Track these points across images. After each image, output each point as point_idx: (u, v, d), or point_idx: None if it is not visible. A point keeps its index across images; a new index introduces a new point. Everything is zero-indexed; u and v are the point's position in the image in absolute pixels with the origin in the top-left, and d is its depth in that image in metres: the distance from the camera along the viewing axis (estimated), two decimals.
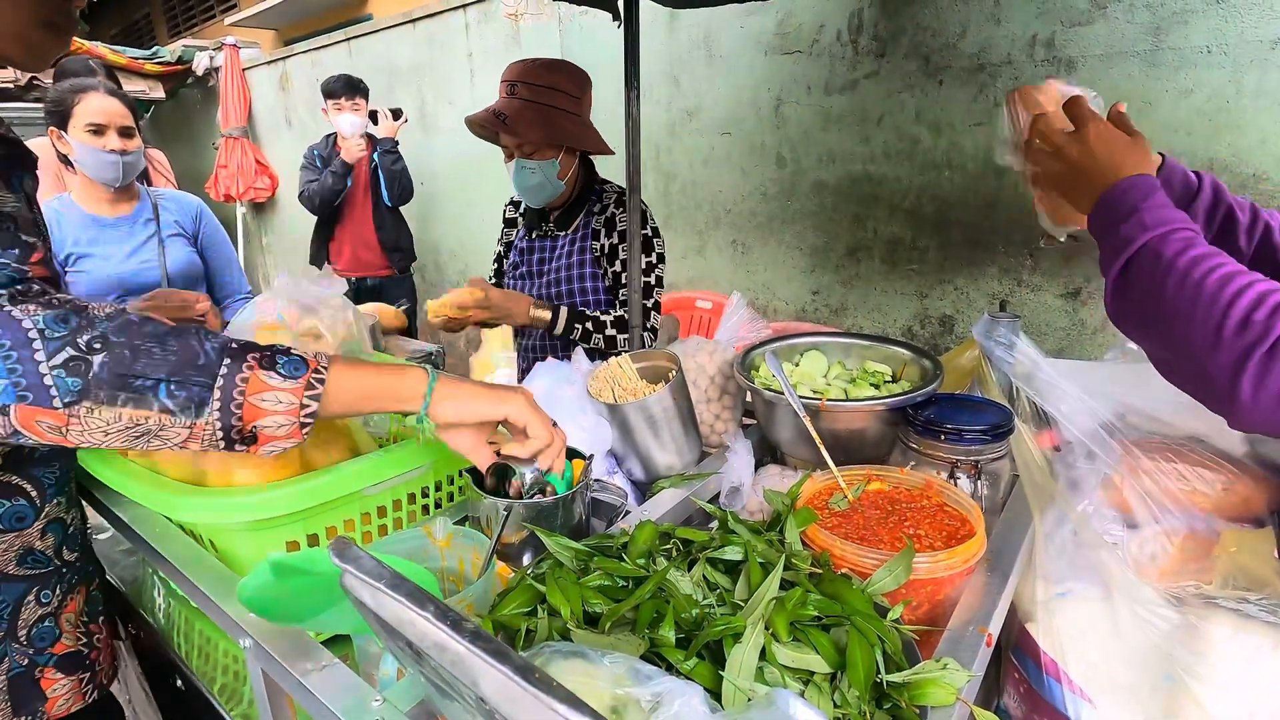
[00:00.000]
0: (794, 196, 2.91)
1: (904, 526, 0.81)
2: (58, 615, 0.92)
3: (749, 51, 2.88)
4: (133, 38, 9.36)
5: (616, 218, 1.64)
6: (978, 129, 2.37)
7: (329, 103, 3.57)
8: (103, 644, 0.99)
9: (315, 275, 1.33)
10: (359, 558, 0.46)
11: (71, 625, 0.94)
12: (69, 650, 0.93)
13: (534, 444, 0.80)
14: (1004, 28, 2.24)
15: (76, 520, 0.96)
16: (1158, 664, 0.78)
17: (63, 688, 0.93)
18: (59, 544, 0.92)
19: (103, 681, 0.99)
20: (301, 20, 6.17)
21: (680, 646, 0.59)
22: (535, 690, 0.34)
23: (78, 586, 0.95)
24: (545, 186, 1.60)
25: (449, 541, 0.81)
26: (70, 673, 0.93)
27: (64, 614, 0.93)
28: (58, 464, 0.92)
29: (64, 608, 0.93)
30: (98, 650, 0.98)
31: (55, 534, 0.91)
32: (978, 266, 2.49)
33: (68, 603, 0.93)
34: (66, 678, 0.93)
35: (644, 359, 1.09)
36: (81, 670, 0.95)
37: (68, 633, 0.93)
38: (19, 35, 0.80)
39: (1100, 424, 0.95)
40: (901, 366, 1.13)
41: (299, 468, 0.88)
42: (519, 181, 1.59)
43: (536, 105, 1.51)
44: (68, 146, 1.90)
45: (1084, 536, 0.85)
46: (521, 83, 1.52)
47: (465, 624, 0.39)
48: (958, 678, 0.57)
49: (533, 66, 1.53)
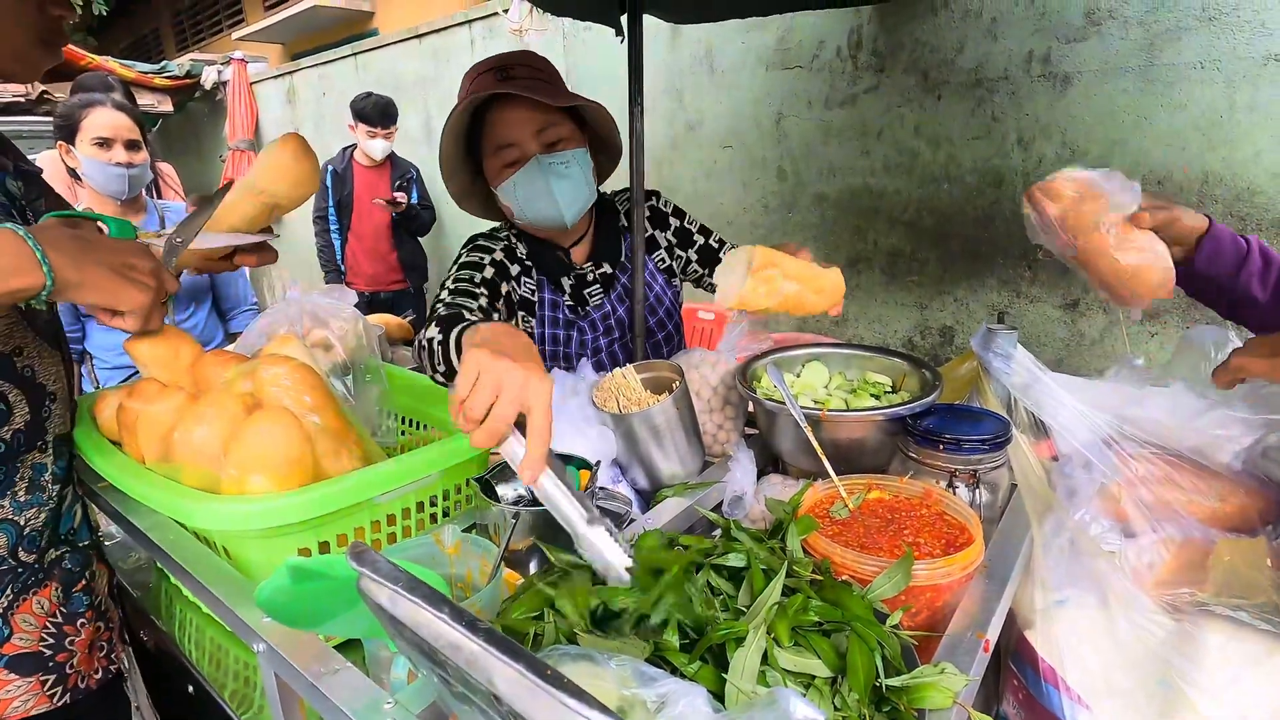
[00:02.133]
0: (795, 209, 2.94)
1: (903, 534, 0.82)
2: (7, 614, 0.92)
3: (750, 66, 2.92)
4: (141, 52, 9.49)
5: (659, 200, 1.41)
6: (976, 142, 2.40)
7: (361, 127, 3.62)
8: (79, 646, 0.99)
9: (324, 289, 1.36)
10: (376, 561, 0.47)
11: (30, 625, 0.94)
12: (22, 651, 0.93)
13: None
14: (1000, 43, 2.28)
15: (37, 524, 0.96)
16: (1154, 670, 0.79)
17: (18, 689, 0.92)
18: (13, 545, 0.93)
19: (78, 685, 0.98)
20: (308, 35, 6.26)
21: (684, 651, 0.61)
22: (548, 687, 0.36)
23: (35, 588, 0.95)
24: (581, 189, 1.23)
25: (457, 549, 0.83)
26: (26, 674, 0.93)
27: (16, 613, 0.93)
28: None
29: (16, 607, 0.93)
30: (70, 653, 0.97)
31: (7, 535, 0.92)
32: (977, 278, 2.51)
33: (20, 602, 0.93)
34: (21, 679, 0.93)
35: (648, 369, 1.11)
36: (43, 672, 0.95)
37: (22, 632, 0.93)
38: (19, 53, 0.85)
39: (1097, 435, 0.97)
40: (902, 377, 1.15)
41: (312, 477, 0.89)
42: (546, 190, 1.19)
43: (546, 83, 1.21)
44: (75, 160, 1.94)
45: (1081, 545, 0.86)
46: (519, 65, 1.21)
47: (479, 624, 0.41)
48: (955, 681, 0.59)
49: (515, 52, 1.25)
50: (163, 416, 0.93)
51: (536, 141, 1.19)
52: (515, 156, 1.20)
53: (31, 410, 0.94)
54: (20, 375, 0.92)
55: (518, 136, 1.19)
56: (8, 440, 0.91)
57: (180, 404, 0.94)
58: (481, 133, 1.24)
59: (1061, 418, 0.98)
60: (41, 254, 0.73)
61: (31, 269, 0.72)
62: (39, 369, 0.95)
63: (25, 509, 0.95)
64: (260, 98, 5.87)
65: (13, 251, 0.71)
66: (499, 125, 1.19)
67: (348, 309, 1.28)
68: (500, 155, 1.21)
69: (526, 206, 1.22)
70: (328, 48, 5.28)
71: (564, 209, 1.22)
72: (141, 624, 1.14)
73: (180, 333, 1.04)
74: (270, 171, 1.04)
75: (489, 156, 1.24)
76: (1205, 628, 0.79)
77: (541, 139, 1.19)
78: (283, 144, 1.06)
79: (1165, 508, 0.95)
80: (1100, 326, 2.29)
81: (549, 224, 1.25)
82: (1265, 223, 1.95)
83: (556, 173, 1.19)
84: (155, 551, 0.91)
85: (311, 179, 1.08)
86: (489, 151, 1.23)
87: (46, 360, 0.97)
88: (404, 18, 5.18)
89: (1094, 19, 2.10)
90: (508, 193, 1.23)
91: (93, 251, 0.78)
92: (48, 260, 0.73)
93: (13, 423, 0.92)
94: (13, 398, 0.91)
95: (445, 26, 4.16)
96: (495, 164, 1.22)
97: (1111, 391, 1.01)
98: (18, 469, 0.94)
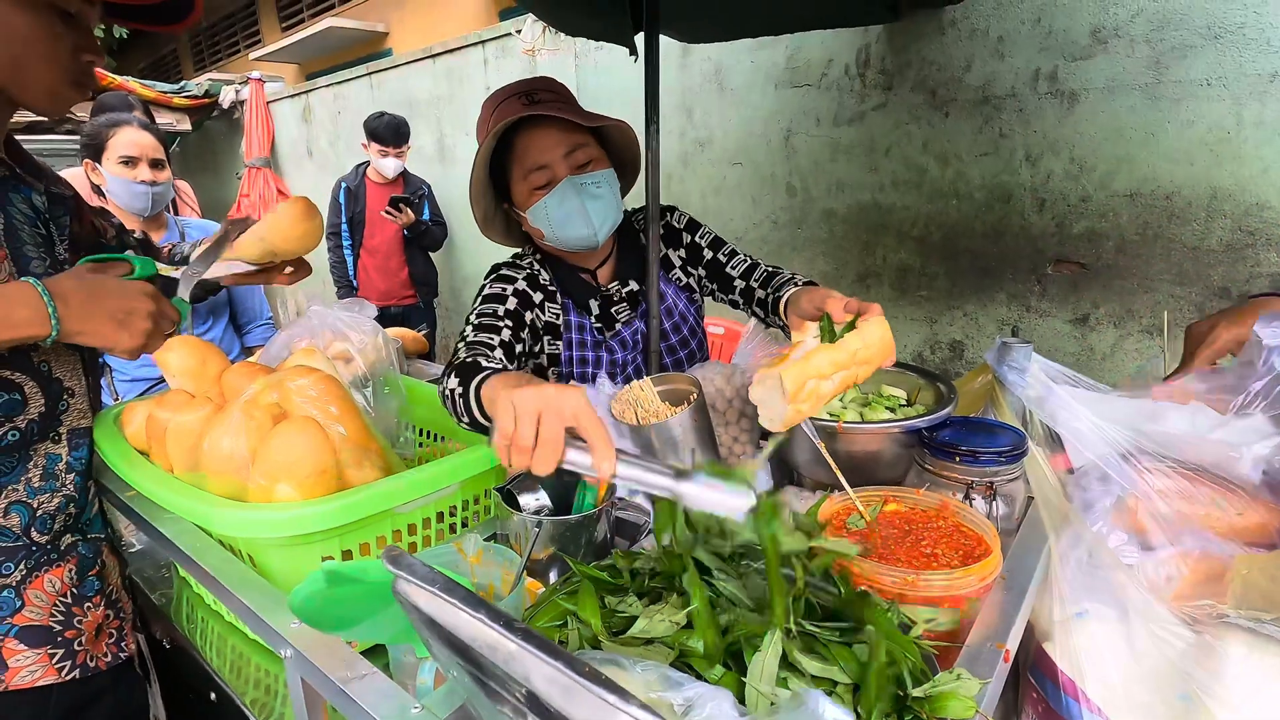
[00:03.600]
0: (804, 225, 2.96)
1: (921, 546, 0.83)
2: (19, 588, 0.99)
3: (760, 84, 2.96)
4: (160, 72, 9.68)
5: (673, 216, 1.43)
6: (984, 159, 2.42)
7: (374, 146, 3.69)
8: (87, 627, 1.05)
9: (344, 302, 1.38)
10: (412, 565, 0.49)
11: (42, 601, 1.01)
12: (33, 624, 1.00)
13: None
14: (1007, 61, 2.31)
15: (50, 507, 1.02)
16: (1174, 683, 0.79)
17: (26, 659, 0.99)
18: (26, 524, 1.00)
19: (86, 663, 1.04)
20: (324, 55, 6.38)
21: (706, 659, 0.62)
22: (587, 683, 0.37)
23: (48, 567, 1.02)
24: (611, 208, 1.25)
25: (479, 558, 0.84)
26: (35, 645, 1.00)
27: (29, 588, 1.00)
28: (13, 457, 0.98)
29: (28, 583, 1.00)
30: (79, 632, 1.04)
31: (21, 514, 0.99)
32: (986, 293, 2.52)
33: (33, 579, 1.00)
34: (30, 649, 0.99)
35: (665, 382, 1.13)
36: (52, 645, 1.01)
37: (34, 606, 1.00)
38: (52, 91, 0.92)
39: (1113, 448, 0.97)
40: (916, 390, 1.16)
41: (336, 486, 0.91)
42: (580, 210, 1.21)
43: (571, 107, 1.23)
44: (101, 178, 1.98)
45: (1099, 557, 0.86)
46: (542, 90, 1.23)
47: (516, 624, 0.42)
48: (971, 686, 0.59)
49: (537, 78, 1.27)
50: (191, 426, 0.96)
51: (566, 163, 1.20)
52: (547, 179, 1.21)
53: (48, 403, 1.00)
54: (37, 369, 0.99)
55: (549, 159, 1.20)
56: (22, 429, 0.97)
57: (208, 414, 0.96)
58: (508, 158, 1.25)
59: (1078, 430, 0.98)
60: (53, 309, 0.85)
61: (42, 321, 0.84)
62: (54, 365, 1.01)
63: (39, 493, 1.01)
64: (277, 116, 5.98)
65: (31, 305, 0.84)
66: (531, 148, 1.21)
67: (367, 322, 1.31)
68: (531, 179, 1.22)
69: (559, 228, 1.23)
70: (343, 67, 5.38)
71: (598, 228, 1.23)
72: (159, 625, 1.16)
73: (208, 345, 1.07)
74: (276, 230, 1.14)
75: (518, 181, 1.24)
76: (1226, 640, 0.79)
77: (571, 160, 1.21)
78: (291, 205, 1.15)
79: (1183, 521, 0.95)
80: (1110, 341, 2.29)
81: (581, 244, 1.26)
82: (1275, 238, 1.96)
83: (589, 193, 1.21)
84: (182, 559, 0.93)
85: (313, 237, 1.17)
86: (518, 176, 1.24)
87: (64, 359, 1.03)
88: (418, 38, 5.27)
89: (1100, 37, 2.13)
90: (539, 214, 1.23)
91: (98, 300, 0.89)
92: (57, 314, 0.85)
93: (28, 413, 0.98)
94: (29, 390, 0.97)
95: (458, 47, 4.24)
96: (525, 188, 1.23)
97: (1127, 404, 1.01)
98: (31, 456, 1.00)
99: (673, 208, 1.50)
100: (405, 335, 2.13)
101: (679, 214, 1.49)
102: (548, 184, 1.21)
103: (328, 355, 1.22)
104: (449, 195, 4.36)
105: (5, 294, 0.83)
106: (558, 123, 1.20)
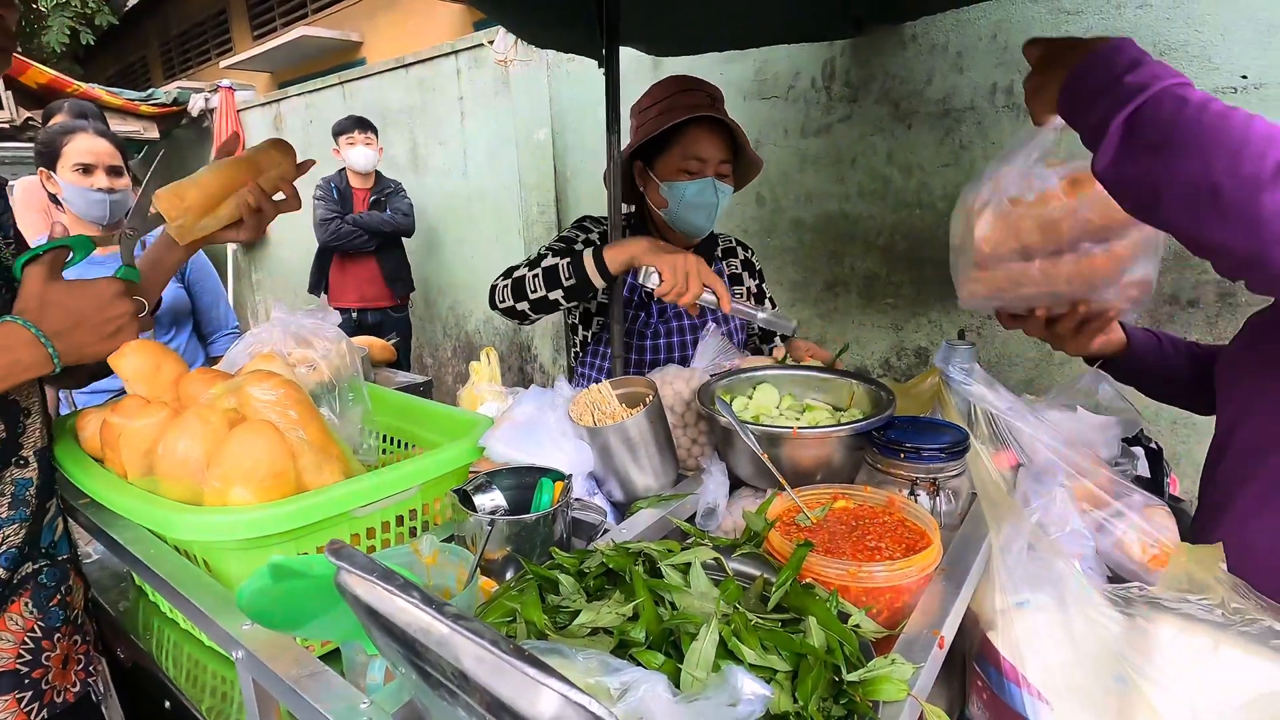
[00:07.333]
0: (773, 234, 3.01)
1: (866, 540, 0.85)
2: None
3: (729, 97, 2.99)
4: (129, 80, 9.54)
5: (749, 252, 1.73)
6: (946, 170, 2.49)
7: (341, 139, 3.70)
8: (54, 662, 1.00)
9: (310, 306, 1.38)
10: (353, 555, 0.50)
11: (7, 643, 0.95)
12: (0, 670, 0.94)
13: None
14: (966, 76, 2.38)
15: (16, 540, 0.96)
16: (1110, 666, 0.82)
17: None
18: None
19: (54, 700, 0.99)
20: (297, 64, 6.34)
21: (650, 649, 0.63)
22: (511, 659, 0.38)
23: (5, 604, 0.95)
24: (719, 215, 1.52)
25: (435, 559, 0.85)
26: (4, 692, 0.94)
27: None
28: None
29: None
30: (46, 669, 0.98)
31: None
32: (950, 300, 2.59)
33: None
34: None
35: (623, 385, 1.15)
36: (19, 690, 0.96)
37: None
38: None
39: (1048, 446, 1.02)
40: (850, 396, 1.18)
41: (294, 490, 0.91)
42: (710, 205, 1.45)
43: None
44: (56, 186, 1.95)
45: (1039, 548, 0.90)
46: (720, 100, 1.51)
47: (448, 608, 0.44)
48: (904, 670, 0.61)
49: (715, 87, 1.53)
50: (146, 431, 0.95)
51: (715, 166, 1.45)
52: (697, 169, 1.45)
53: (6, 427, 0.95)
54: None
55: (709, 156, 1.45)
56: None
57: (163, 419, 0.96)
58: (667, 135, 1.46)
59: (1017, 428, 1.02)
60: (52, 350, 0.84)
61: (44, 362, 0.84)
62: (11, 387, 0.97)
63: (5, 525, 0.95)
64: (247, 125, 5.92)
65: (31, 346, 0.83)
66: (700, 140, 1.44)
67: (331, 329, 1.31)
68: (687, 162, 1.45)
69: (686, 210, 1.47)
70: (315, 76, 5.36)
71: (709, 226, 1.53)
72: (119, 642, 1.14)
73: (163, 348, 1.06)
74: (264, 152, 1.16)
75: (673, 156, 1.46)
76: (1156, 623, 0.83)
77: (720, 167, 1.46)
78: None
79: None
80: None
81: (692, 230, 1.53)
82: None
83: (720, 197, 1.46)
84: (135, 565, 0.92)
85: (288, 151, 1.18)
86: (676, 154, 1.46)
87: None
88: (391, 48, 5.27)
89: None
90: (676, 190, 1.46)
91: (85, 323, 0.87)
92: (54, 347, 0.84)
93: None
94: None
95: (432, 57, 4.25)
96: (676, 164, 1.46)
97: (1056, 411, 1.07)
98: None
99: (744, 244, 1.77)
100: (373, 344, 2.13)
101: (750, 251, 1.77)
102: (696, 173, 1.45)
103: (290, 362, 1.22)
104: (421, 203, 4.36)
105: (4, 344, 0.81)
106: (727, 134, 1.47)
